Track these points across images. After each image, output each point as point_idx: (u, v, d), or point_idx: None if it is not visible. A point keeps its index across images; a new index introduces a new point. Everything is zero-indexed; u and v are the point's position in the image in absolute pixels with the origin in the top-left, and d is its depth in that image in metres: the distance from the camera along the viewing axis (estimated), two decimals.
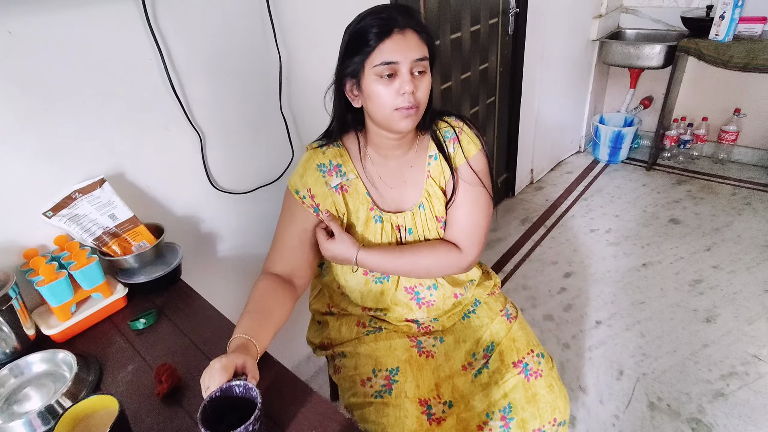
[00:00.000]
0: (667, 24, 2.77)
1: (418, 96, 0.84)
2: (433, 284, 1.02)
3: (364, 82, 0.85)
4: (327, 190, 0.95)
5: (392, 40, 0.81)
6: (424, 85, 0.85)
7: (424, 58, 0.83)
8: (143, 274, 0.97)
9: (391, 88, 0.83)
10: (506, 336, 1.05)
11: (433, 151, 0.99)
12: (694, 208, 2.49)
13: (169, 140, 1.05)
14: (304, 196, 0.94)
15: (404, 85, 0.82)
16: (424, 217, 1.00)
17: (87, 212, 0.94)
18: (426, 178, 0.99)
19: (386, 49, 0.81)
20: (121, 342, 0.88)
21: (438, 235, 1.01)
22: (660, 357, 1.67)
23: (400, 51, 0.81)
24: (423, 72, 0.85)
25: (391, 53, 0.81)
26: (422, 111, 0.87)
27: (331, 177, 0.95)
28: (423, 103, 0.86)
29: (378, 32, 0.81)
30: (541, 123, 2.69)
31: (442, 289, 1.03)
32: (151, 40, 0.95)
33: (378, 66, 0.82)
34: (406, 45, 0.82)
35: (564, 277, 2.11)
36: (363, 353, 1.01)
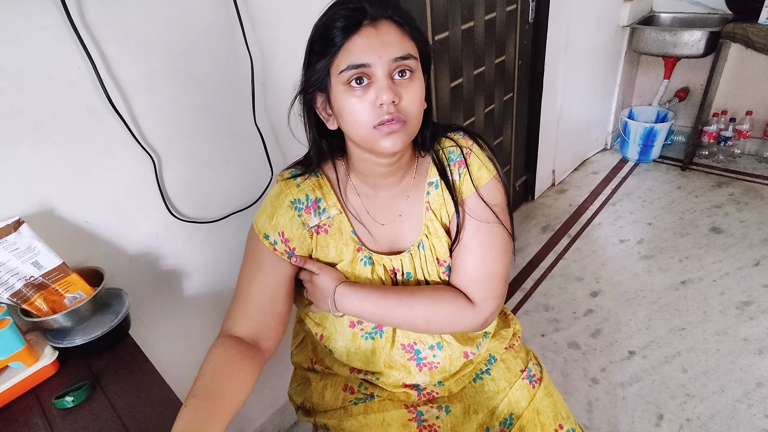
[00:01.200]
0: (707, 6, 2.47)
1: (402, 106, 0.63)
2: (437, 343, 0.82)
3: (332, 93, 0.64)
4: (304, 231, 0.75)
5: (361, 36, 0.61)
6: (411, 92, 0.64)
7: (407, 57, 0.63)
8: (79, 333, 0.79)
9: (366, 100, 0.62)
10: (529, 407, 0.84)
11: (434, 177, 0.78)
12: (737, 214, 2.22)
13: (112, 166, 0.86)
14: (275, 242, 0.75)
15: (380, 94, 0.61)
16: (423, 258, 0.79)
17: (3, 261, 0.75)
18: (425, 210, 0.78)
19: (354, 47, 0.61)
20: (40, 427, 0.70)
21: (439, 279, 0.80)
22: (706, 398, 1.44)
23: (373, 49, 0.61)
24: (408, 74, 0.64)
25: (360, 53, 0.61)
26: (413, 126, 0.66)
27: (308, 215, 0.75)
28: (412, 115, 0.65)
29: (343, 26, 0.61)
30: (563, 119, 2.44)
31: (448, 349, 0.82)
32: (77, 43, 0.75)
33: (345, 71, 0.61)
34: (380, 41, 0.61)
35: (591, 296, 1.88)
36: (349, 430, 0.82)
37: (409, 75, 0.64)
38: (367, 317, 0.77)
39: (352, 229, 0.77)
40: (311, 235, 0.76)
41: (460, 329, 0.79)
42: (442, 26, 1.53)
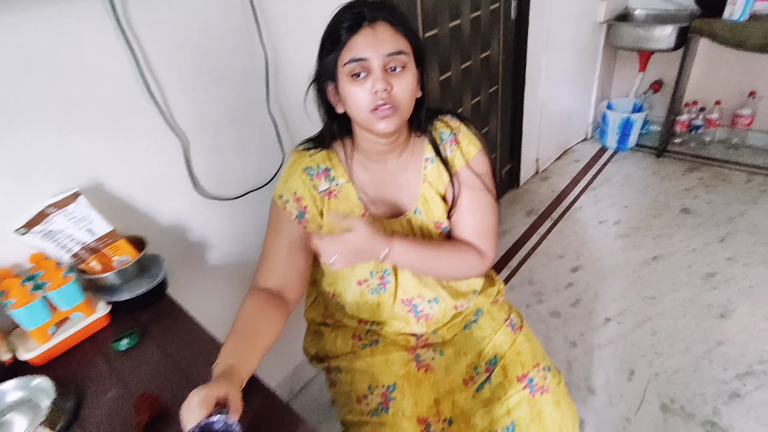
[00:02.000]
0: (678, 3, 2.65)
1: (393, 93, 0.77)
2: (434, 298, 0.96)
3: (339, 83, 0.78)
4: (316, 194, 0.89)
5: (361, 35, 0.75)
6: (403, 82, 0.78)
7: (399, 52, 0.76)
8: (126, 290, 0.93)
9: (365, 88, 0.77)
10: (510, 348, 0.99)
11: (430, 154, 0.92)
12: (706, 196, 2.40)
13: (149, 147, 0.99)
14: (287, 200, 0.88)
15: (376, 83, 0.76)
16: (420, 222, 0.94)
17: (63, 228, 0.89)
18: (422, 182, 0.93)
19: (355, 44, 0.75)
20: (102, 365, 0.84)
21: None
22: (672, 356, 1.61)
23: (370, 46, 0.75)
24: (401, 68, 0.78)
25: (360, 49, 0.75)
26: (404, 111, 0.80)
27: (319, 181, 0.89)
28: (403, 102, 0.79)
29: (348, 26, 0.75)
30: (546, 111, 2.60)
31: (443, 303, 0.97)
32: (122, 41, 0.88)
33: (348, 64, 0.76)
34: (376, 39, 0.75)
35: (571, 271, 2.04)
36: (358, 368, 0.96)
37: (400, 68, 0.77)
38: (410, 267, 0.90)
39: (358, 196, 0.91)
40: (321, 198, 0.89)
41: (474, 274, 0.95)
42: (431, 24, 1.68)
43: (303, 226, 0.89)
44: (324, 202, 0.90)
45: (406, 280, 0.94)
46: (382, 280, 0.93)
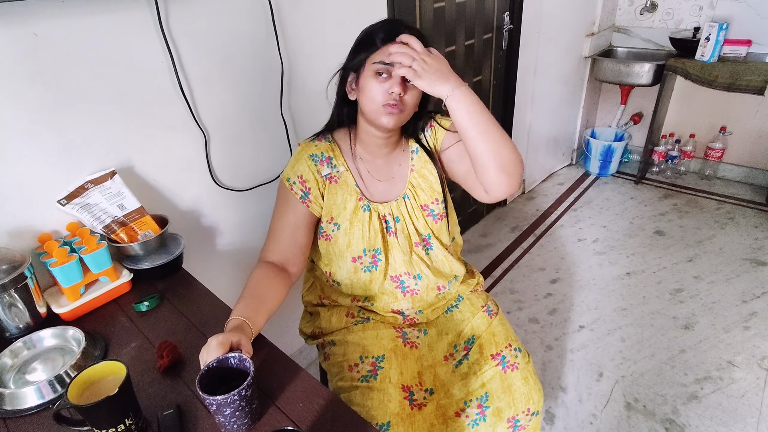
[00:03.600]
0: (656, 44, 2.88)
1: (405, 99, 0.93)
2: (418, 274, 1.09)
3: (362, 76, 0.93)
4: (318, 177, 1.02)
5: (393, 47, 0.90)
6: (413, 94, 0.93)
7: None
8: (147, 261, 1.04)
9: (383, 86, 0.91)
10: (486, 330, 1.12)
11: (415, 146, 1.08)
12: (679, 221, 2.57)
13: (176, 138, 1.12)
14: (294, 182, 1.01)
15: (394, 86, 0.90)
16: (410, 206, 1.07)
17: (98, 201, 1.01)
18: (410, 172, 1.07)
19: (386, 51, 0.90)
20: (125, 322, 0.95)
21: (425, 223, 1.08)
22: (639, 361, 1.73)
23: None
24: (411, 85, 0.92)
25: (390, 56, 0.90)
26: (406, 115, 0.95)
27: (322, 167, 1.03)
28: (409, 108, 0.94)
29: (384, 37, 0.91)
30: (533, 135, 2.78)
31: (426, 280, 1.10)
32: (164, 45, 1.03)
33: (377, 63, 0.90)
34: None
35: (551, 282, 2.18)
36: (351, 341, 1.08)
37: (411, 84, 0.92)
38: (471, 109, 0.86)
39: (355, 183, 1.05)
40: (324, 181, 1.03)
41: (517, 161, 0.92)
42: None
43: (306, 205, 1.02)
44: (325, 185, 1.03)
45: (394, 259, 1.07)
46: (374, 259, 1.06)
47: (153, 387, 0.79)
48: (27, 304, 0.89)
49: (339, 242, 1.05)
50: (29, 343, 0.86)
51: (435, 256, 1.11)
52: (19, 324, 0.89)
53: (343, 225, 1.04)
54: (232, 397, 0.65)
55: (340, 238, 1.04)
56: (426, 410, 1.01)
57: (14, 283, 0.85)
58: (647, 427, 1.50)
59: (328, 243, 1.06)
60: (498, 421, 1.03)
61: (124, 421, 0.67)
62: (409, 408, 0.99)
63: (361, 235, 1.04)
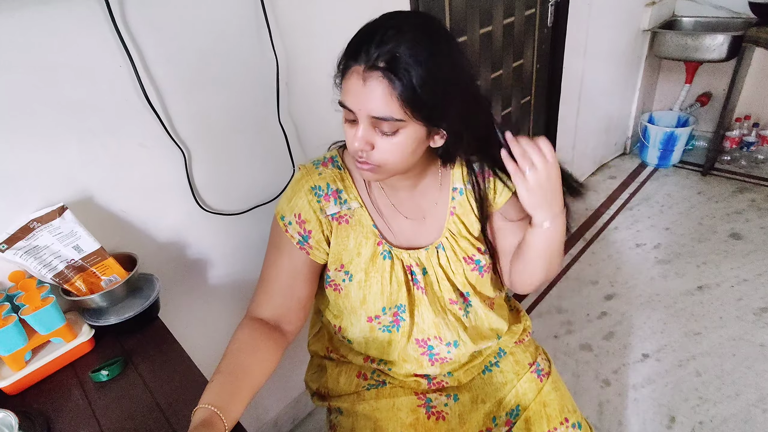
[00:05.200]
0: (731, 11, 2.45)
1: (373, 155, 0.66)
2: (454, 341, 0.85)
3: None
4: (322, 217, 0.78)
5: (352, 80, 0.62)
6: (389, 145, 0.65)
7: (386, 119, 0.62)
8: (113, 313, 0.85)
9: (352, 132, 0.66)
10: (535, 399, 0.87)
11: (459, 184, 0.81)
12: (759, 221, 2.19)
13: (147, 158, 0.92)
14: (289, 222, 0.78)
15: (354, 140, 0.65)
16: (446, 259, 0.82)
17: (47, 244, 0.82)
18: (449, 215, 0.82)
19: (346, 88, 0.64)
20: (78, 397, 0.76)
21: (465, 278, 0.83)
22: (720, 402, 1.43)
23: (355, 100, 0.63)
24: (391, 132, 0.64)
25: (348, 96, 0.64)
26: (389, 170, 0.69)
27: (327, 203, 0.78)
28: (385, 164, 0.67)
29: (347, 61, 0.64)
30: (582, 123, 2.44)
31: (463, 348, 0.86)
32: (119, 43, 0.81)
33: (341, 105, 0.66)
34: (364, 95, 0.61)
35: (605, 299, 1.88)
36: (361, 413, 0.86)
37: (390, 132, 0.64)
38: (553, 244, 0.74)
39: (372, 222, 0.80)
40: (329, 222, 0.79)
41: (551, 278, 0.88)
42: (460, 30, 1.57)
43: (306, 252, 0.79)
44: (332, 227, 0.79)
45: (422, 319, 0.83)
46: (396, 317, 0.82)
47: None
48: None
49: (351, 296, 0.81)
50: None
51: (474, 314, 0.87)
52: None
53: (357, 276, 0.80)
54: None
55: (353, 292, 0.81)
56: None
57: None
58: None
59: (338, 295, 0.83)
60: None
61: None
62: None
63: (380, 290, 0.80)
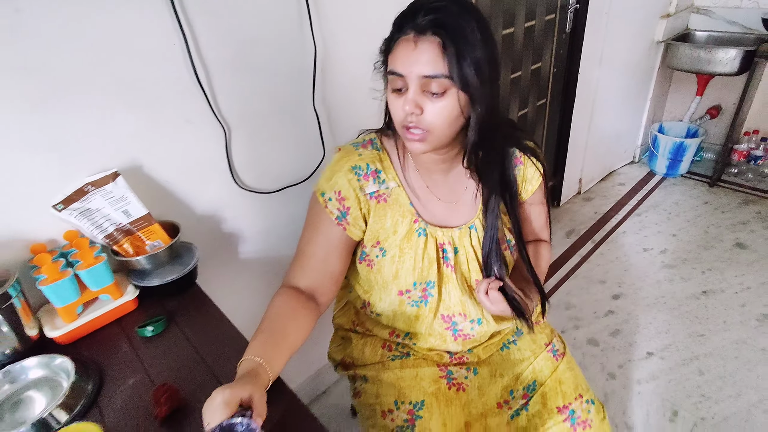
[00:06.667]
0: (744, 26, 2.51)
1: (424, 119, 0.70)
2: (478, 319, 0.90)
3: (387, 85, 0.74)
4: (361, 195, 0.82)
5: (402, 47, 0.68)
6: (438, 108, 0.69)
7: (436, 76, 0.67)
8: (156, 276, 0.91)
9: (400, 101, 0.71)
10: (551, 376, 0.92)
11: None
12: (764, 232, 2.24)
13: (192, 133, 0.97)
14: (329, 198, 0.82)
15: (405, 104, 0.69)
16: (477, 239, 0.87)
17: (100, 207, 0.87)
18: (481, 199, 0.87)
19: (397, 55, 0.69)
20: (126, 349, 0.81)
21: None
22: (722, 400, 1.48)
23: (407, 63, 0.68)
24: (440, 93, 0.68)
25: (398, 62, 0.69)
26: (437, 137, 0.73)
27: (366, 182, 0.83)
28: (435, 128, 0.71)
29: (396, 35, 0.69)
30: (594, 129, 2.49)
31: (486, 326, 0.91)
32: (176, 24, 0.87)
33: (389, 74, 0.71)
34: (415, 57, 0.67)
35: (612, 298, 1.93)
36: (386, 381, 0.91)
37: (439, 92, 0.68)
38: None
39: (409, 201, 0.85)
40: (368, 200, 0.83)
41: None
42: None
43: (342, 227, 0.84)
44: (370, 206, 0.84)
45: (449, 296, 0.88)
46: (425, 293, 0.87)
47: None
48: (13, 327, 0.76)
49: (384, 271, 0.86)
50: (11, 375, 0.73)
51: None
52: (4, 350, 0.76)
53: (391, 251, 0.85)
54: None
55: (386, 267, 0.86)
56: None
57: None
58: None
59: (370, 270, 0.88)
60: None
61: None
62: None
63: (412, 266, 0.85)
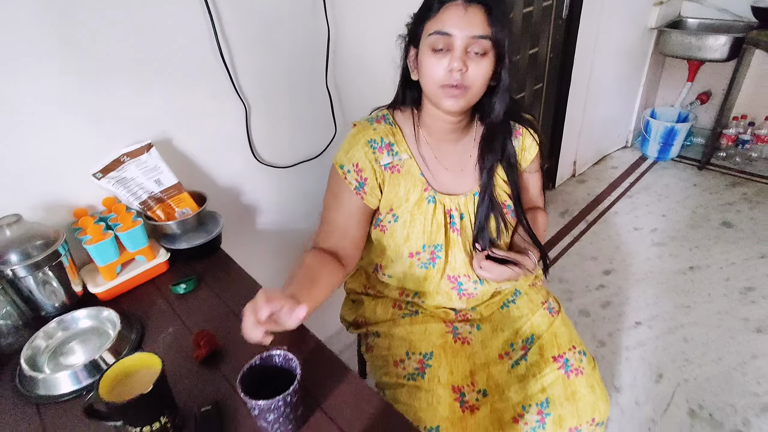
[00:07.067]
0: (734, 14, 2.59)
1: (468, 75, 0.79)
2: (481, 279, 0.99)
3: (420, 50, 0.81)
4: (377, 166, 0.90)
5: (452, 11, 0.77)
6: (480, 67, 0.79)
7: (485, 37, 0.77)
8: (185, 240, 0.98)
9: (442, 63, 0.79)
10: (548, 330, 1.01)
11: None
12: (749, 212, 2.34)
13: (216, 110, 1.05)
14: (348, 171, 0.90)
15: (453, 62, 0.78)
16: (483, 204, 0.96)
17: (134, 176, 0.95)
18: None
19: (444, 18, 0.77)
20: (162, 304, 0.89)
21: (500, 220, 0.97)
22: (704, 364, 1.59)
23: (458, 24, 0.77)
24: (482, 54, 0.79)
25: (447, 24, 0.77)
26: (473, 94, 0.82)
27: (381, 154, 0.91)
28: (474, 86, 0.80)
29: (440, 3, 0.77)
30: (588, 114, 2.58)
31: (487, 285, 1.00)
32: (204, 9, 0.94)
33: (432, 35, 0.78)
34: (466, 19, 0.77)
35: (603, 273, 2.03)
36: (397, 335, 1.00)
37: (481, 54, 0.78)
38: None
39: (420, 171, 0.93)
40: (383, 171, 0.91)
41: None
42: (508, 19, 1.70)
43: (360, 196, 0.91)
44: (385, 176, 0.92)
45: (455, 258, 0.96)
46: (433, 255, 0.96)
47: (189, 378, 0.73)
48: (62, 282, 0.84)
49: (396, 235, 0.95)
50: (64, 324, 0.81)
51: None
52: (54, 303, 0.84)
53: (403, 217, 0.93)
54: (276, 402, 0.57)
55: (398, 231, 0.94)
56: (479, 414, 0.92)
57: (48, 260, 0.80)
58: None
59: (383, 234, 0.96)
60: (559, 430, 0.93)
61: (159, 418, 0.62)
62: (460, 411, 0.90)
63: (422, 230, 0.93)
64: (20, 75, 0.78)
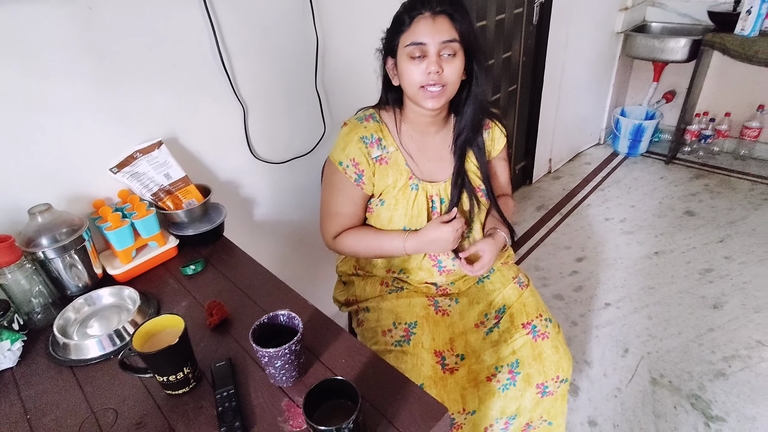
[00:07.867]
0: (693, 18, 2.78)
1: (444, 75, 0.92)
2: (455, 257, 1.12)
3: (398, 60, 0.94)
4: (370, 159, 1.04)
5: (422, 23, 0.90)
6: (452, 67, 0.93)
7: (452, 40, 0.91)
8: (192, 228, 1.09)
9: (420, 68, 0.92)
10: (517, 300, 1.14)
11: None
12: (710, 201, 2.52)
13: (217, 110, 1.16)
14: (347, 166, 1.03)
15: (430, 66, 0.91)
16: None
17: (146, 170, 1.06)
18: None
19: (417, 30, 0.90)
20: (174, 284, 1.00)
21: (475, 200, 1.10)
22: (665, 338, 1.74)
23: (429, 33, 0.90)
24: (452, 54, 0.92)
25: (420, 35, 0.90)
26: (450, 90, 0.95)
27: (372, 148, 1.04)
28: (450, 83, 0.94)
29: (412, 15, 0.90)
30: (561, 113, 2.74)
31: None
32: (206, 18, 1.05)
33: (409, 46, 0.91)
34: (436, 28, 0.90)
35: (576, 261, 2.18)
36: (385, 308, 1.12)
37: (451, 54, 0.92)
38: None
39: (405, 162, 1.06)
40: (374, 163, 1.04)
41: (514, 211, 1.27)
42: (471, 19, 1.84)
43: (361, 187, 1.05)
44: (376, 166, 1.05)
45: None
46: None
47: (204, 342, 0.84)
48: (85, 264, 0.95)
49: (381, 216, 1.07)
50: (89, 300, 0.92)
51: (473, 238, 1.14)
52: (78, 283, 0.95)
53: (388, 201, 1.06)
54: (283, 350, 0.69)
55: (382, 213, 1.07)
56: (458, 374, 1.04)
57: (74, 244, 0.91)
58: (672, 402, 1.51)
59: (370, 215, 1.10)
60: (527, 387, 1.07)
61: (182, 369, 0.72)
62: (441, 372, 1.03)
63: (404, 212, 1.06)
64: (52, 77, 0.89)
